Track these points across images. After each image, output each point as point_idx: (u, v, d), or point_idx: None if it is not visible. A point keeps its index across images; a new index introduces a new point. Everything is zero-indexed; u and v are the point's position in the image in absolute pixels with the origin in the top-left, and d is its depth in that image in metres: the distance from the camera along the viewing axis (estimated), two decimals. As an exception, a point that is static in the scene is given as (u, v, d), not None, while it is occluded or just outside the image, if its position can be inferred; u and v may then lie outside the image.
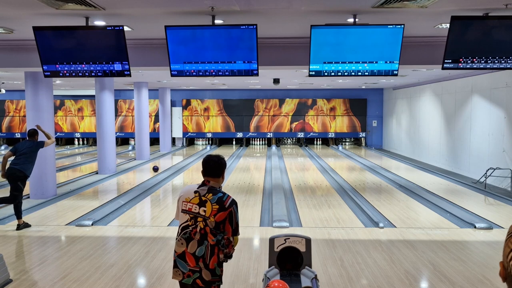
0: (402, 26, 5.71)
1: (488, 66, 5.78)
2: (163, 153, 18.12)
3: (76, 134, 21.91)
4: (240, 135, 21.02)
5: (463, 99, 12.41)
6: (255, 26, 5.68)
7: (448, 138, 13.38)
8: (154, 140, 21.35)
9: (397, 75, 6.12)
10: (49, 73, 6.23)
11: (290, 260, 3.67)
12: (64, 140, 22.55)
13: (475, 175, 11.28)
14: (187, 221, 2.89)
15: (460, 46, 5.66)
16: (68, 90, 20.48)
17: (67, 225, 6.98)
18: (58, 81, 15.13)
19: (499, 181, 10.17)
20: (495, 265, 5.17)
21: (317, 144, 21.86)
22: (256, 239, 6.35)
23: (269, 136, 21.01)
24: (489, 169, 10.19)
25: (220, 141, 22.04)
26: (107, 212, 7.74)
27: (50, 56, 6.09)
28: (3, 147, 21.15)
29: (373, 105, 20.78)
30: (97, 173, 12.43)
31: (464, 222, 7.06)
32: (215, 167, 2.96)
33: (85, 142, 22.77)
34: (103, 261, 5.32)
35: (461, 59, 5.75)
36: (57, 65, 6.15)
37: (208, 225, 2.83)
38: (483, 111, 11.23)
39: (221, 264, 2.90)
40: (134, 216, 7.91)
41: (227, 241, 2.86)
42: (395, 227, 6.84)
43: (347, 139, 21.80)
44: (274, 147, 20.30)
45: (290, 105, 20.78)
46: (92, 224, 6.93)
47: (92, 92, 18.05)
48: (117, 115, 21.06)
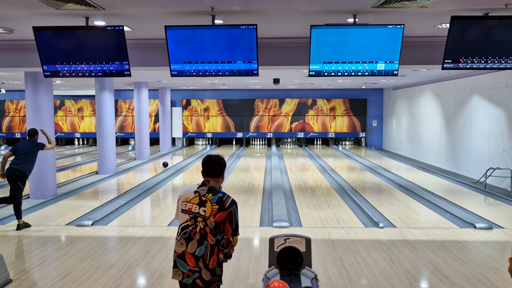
0: (402, 26, 5.71)
1: (488, 66, 5.78)
2: (163, 153, 18.12)
3: (76, 134, 21.92)
4: (240, 135, 21.02)
5: (463, 99, 12.41)
6: (255, 26, 5.68)
7: (448, 138, 13.38)
8: (154, 140, 21.36)
9: (397, 75, 6.12)
10: (49, 73, 6.23)
11: (290, 260, 3.67)
12: (64, 140, 22.56)
13: (475, 175, 11.28)
14: (187, 221, 2.89)
15: (460, 46, 5.66)
16: (68, 90, 20.49)
17: (67, 225, 6.98)
18: (58, 81, 15.13)
19: (499, 181, 10.17)
20: (495, 265, 5.18)
21: (317, 144, 21.86)
22: (256, 239, 6.35)
23: (269, 136, 21.01)
24: (489, 169, 10.20)
25: (220, 141, 22.04)
26: (107, 212, 7.75)
27: (50, 56, 6.10)
28: (3, 147, 21.15)
29: (373, 105, 20.78)
30: (97, 173, 12.43)
31: (464, 222, 7.06)
32: (214, 167, 2.96)
33: (85, 142, 22.77)
34: (103, 261, 5.32)
35: (461, 59, 5.76)
36: (57, 65, 6.15)
37: (208, 225, 2.83)
38: (483, 111, 11.23)
39: (221, 264, 2.90)
40: (134, 216, 7.92)
41: (227, 241, 2.86)
42: (395, 227, 6.84)
43: (347, 139, 21.80)
44: (274, 147, 20.30)
45: (290, 105, 20.78)
46: (92, 224, 6.94)
47: (92, 92, 18.05)
48: (117, 115, 21.07)
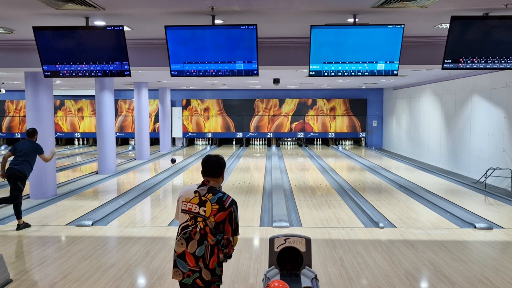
0: (402, 26, 5.71)
1: (488, 66, 5.78)
2: (163, 153, 18.12)
3: (76, 134, 21.91)
4: (240, 135, 21.02)
5: (463, 99, 12.41)
6: (255, 26, 5.68)
7: (448, 138, 13.38)
8: (154, 140, 21.36)
9: (397, 75, 6.12)
10: (49, 73, 6.23)
11: (290, 260, 3.67)
12: (64, 140, 22.56)
13: (475, 175, 11.28)
14: (187, 221, 2.89)
15: (460, 46, 5.66)
16: (68, 90, 20.48)
17: (67, 225, 6.98)
18: (58, 81, 15.13)
19: (499, 181, 10.17)
20: (495, 265, 5.18)
21: (317, 144, 21.86)
22: (256, 239, 6.35)
23: (269, 136, 21.01)
24: (489, 169, 10.20)
25: (220, 141, 22.04)
26: (107, 212, 7.75)
27: (50, 56, 6.10)
28: (3, 147, 21.15)
29: (373, 105, 20.78)
30: (97, 173, 12.43)
31: (464, 222, 7.06)
32: (214, 167, 2.96)
33: (85, 142, 22.76)
34: (103, 261, 5.32)
35: (461, 59, 5.76)
36: (57, 65, 6.15)
37: (208, 225, 2.83)
38: (483, 111, 11.23)
39: (221, 264, 2.90)
40: (134, 216, 7.92)
41: (227, 241, 2.86)
42: (395, 227, 6.84)
43: (347, 139, 21.80)
44: (274, 147, 20.30)
45: (290, 105, 20.78)
46: (92, 224, 6.94)
47: (92, 92, 18.05)
48: (117, 115, 21.06)
